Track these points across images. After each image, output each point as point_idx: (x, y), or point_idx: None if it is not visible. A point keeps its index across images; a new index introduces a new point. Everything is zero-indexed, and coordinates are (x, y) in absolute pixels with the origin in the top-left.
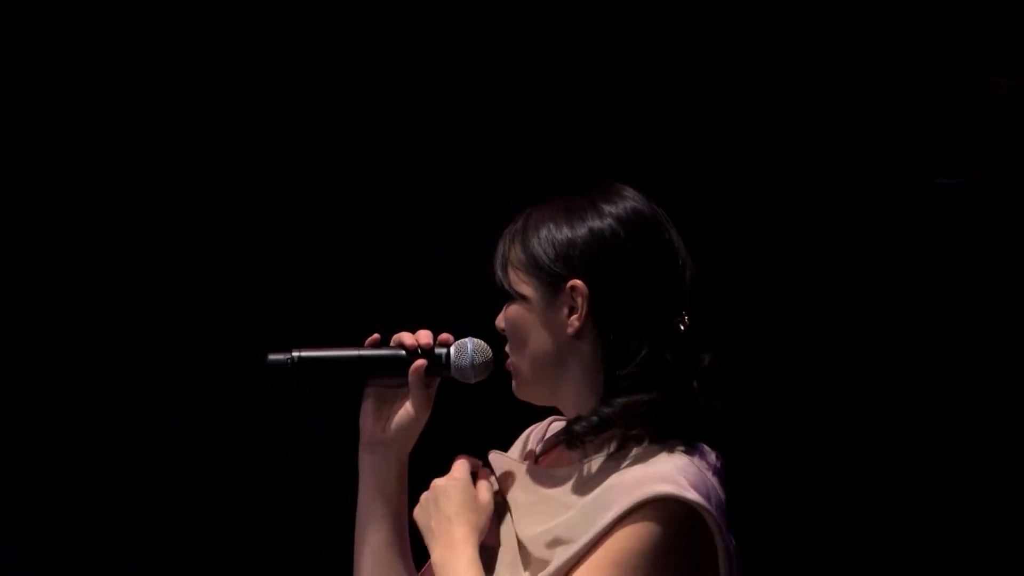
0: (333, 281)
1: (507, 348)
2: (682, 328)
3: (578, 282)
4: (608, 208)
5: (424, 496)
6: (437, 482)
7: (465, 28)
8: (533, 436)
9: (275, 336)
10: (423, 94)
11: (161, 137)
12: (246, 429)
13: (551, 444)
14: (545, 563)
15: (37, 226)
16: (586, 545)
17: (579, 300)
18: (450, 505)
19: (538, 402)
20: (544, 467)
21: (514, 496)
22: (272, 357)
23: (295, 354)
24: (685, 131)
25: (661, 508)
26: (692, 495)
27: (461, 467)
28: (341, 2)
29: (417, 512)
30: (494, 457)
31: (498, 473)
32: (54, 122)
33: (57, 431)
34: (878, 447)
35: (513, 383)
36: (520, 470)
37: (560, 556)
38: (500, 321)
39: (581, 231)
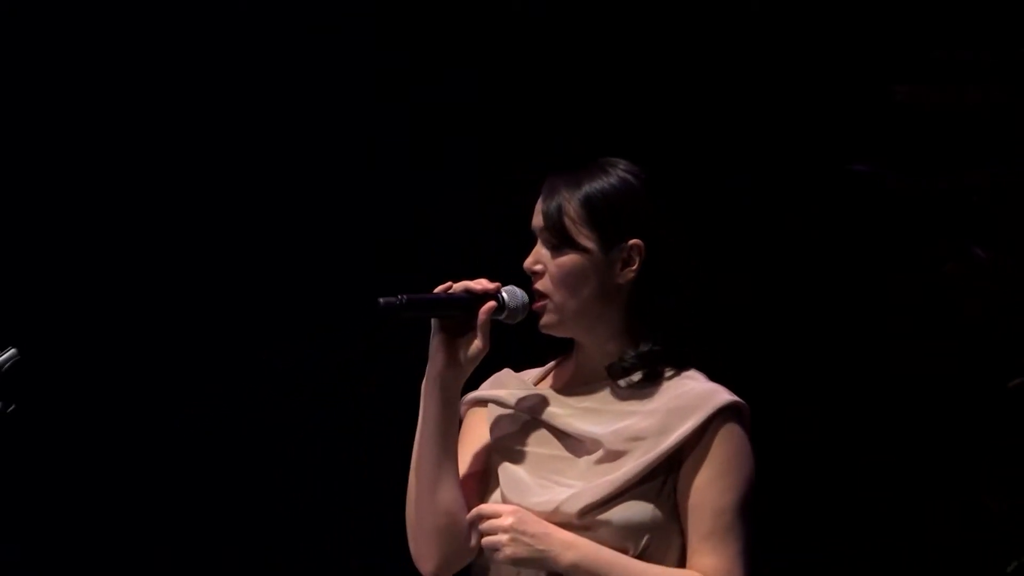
0: (333, 281)
1: (538, 287)
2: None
3: (639, 241)
4: (643, 179)
5: (504, 539)
6: (501, 523)
7: (465, 28)
8: (509, 380)
9: (276, 336)
10: (423, 94)
11: (161, 137)
12: (246, 429)
13: (544, 375)
14: (620, 453)
15: (41, 226)
16: (676, 443)
17: (635, 257)
18: (533, 526)
19: (565, 335)
20: (559, 389)
21: (551, 412)
22: (384, 300)
23: (402, 296)
24: (685, 130)
25: (737, 412)
26: (744, 403)
27: (500, 507)
28: (341, 2)
29: (511, 553)
30: (478, 393)
31: (511, 403)
32: (56, 123)
33: (58, 430)
34: (877, 442)
35: (545, 318)
36: (537, 395)
37: (645, 448)
38: (534, 264)
39: (639, 197)
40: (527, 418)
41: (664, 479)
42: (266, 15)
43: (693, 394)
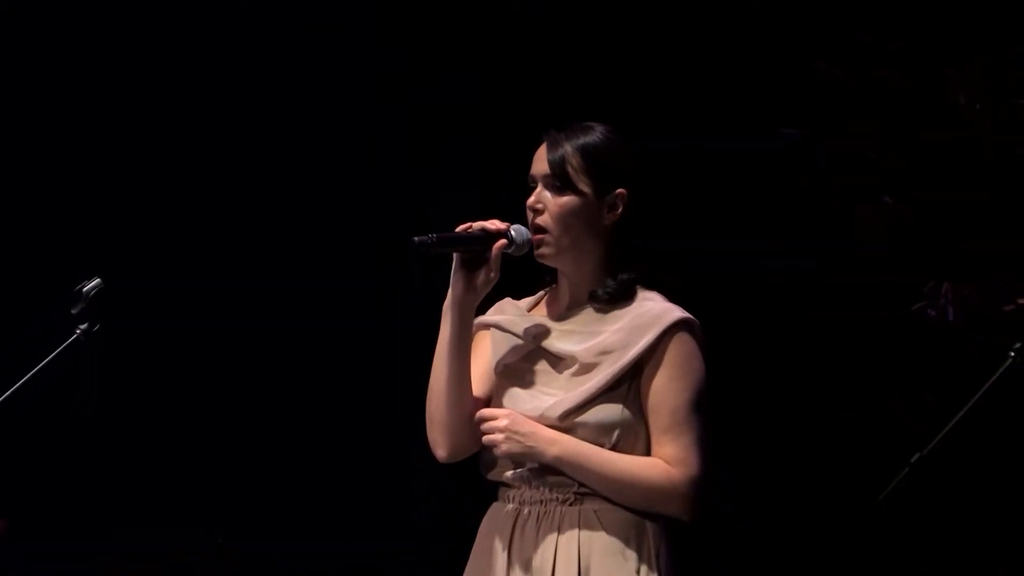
0: (334, 281)
1: (538, 222)
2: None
3: (624, 191)
4: (623, 139)
5: (499, 438)
6: (497, 424)
7: (465, 28)
8: (509, 307)
9: (277, 335)
10: (423, 94)
11: (163, 137)
12: (247, 428)
13: (536, 302)
14: (592, 366)
15: (55, 228)
16: (636, 355)
17: (619, 203)
18: (524, 427)
19: (556, 265)
20: (547, 314)
21: (540, 335)
22: (418, 238)
23: (432, 235)
24: (684, 128)
25: (688, 326)
26: (694, 319)
27: (497, 411)
28: (341, 2)
29: (506, 449)
30: (484, 319)
31: (509, 327)
32: (59, 127)
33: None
34: (800, 358)
35: (543, 249)
36: (529, 319)
37: (612, 360)
38: (536, 203)
39: (626, 154)
40: (521, 340)
41: (629, 385)
42: (266, 15)
43: (652, 314)
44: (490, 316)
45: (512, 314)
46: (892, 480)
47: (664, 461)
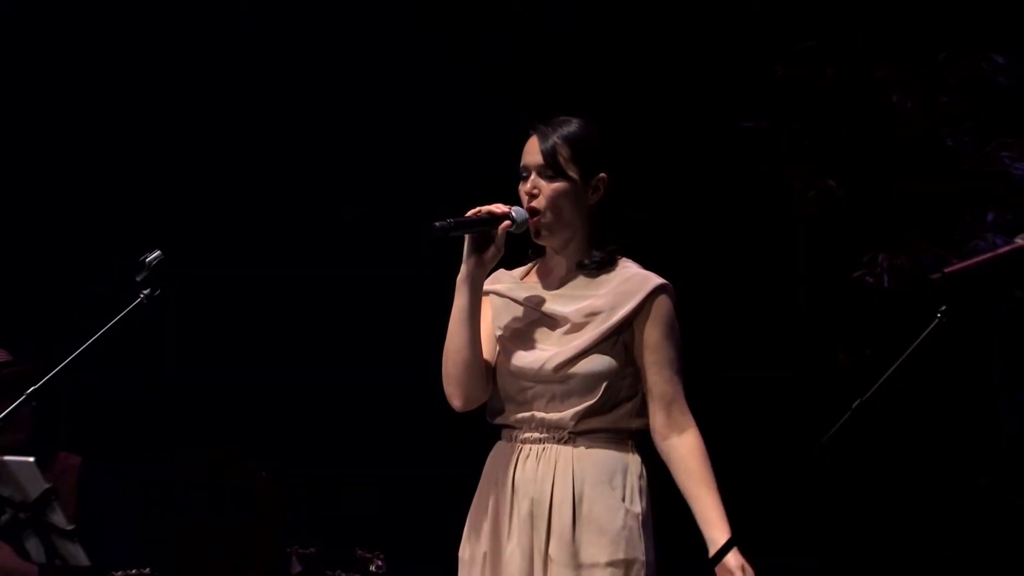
0: (335, 280)
1: (534, 206)
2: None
3: (604, 175)
4: (600, 127)
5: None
6: None
7: (465, 27)
8: (504, 277)
9: (281, 336)
10: (424, 93)
11: (171, 137)
12: (254, 427)
13: (527, 271)
14: (582, 325)
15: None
16: (625, 315)
17: (601, 186)
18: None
19: (550, 243)
20: (539, 282)
21: (535, 299)
22: (438, 224)
23: (449, 220)
24: (685, 128)
25: (668, 290)
26: (670, 283)
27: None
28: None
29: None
30: (484, 287)
31: (507, 294)
32: (62, 140)
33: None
34: (757, 311)
35: (541, 230)
36: (524, 287)
37: (600, 321)
38: (532, 188)
39: (605, 141)
40: (518, 304)
41: (615, 340)
42: (264, 16)
43: (636, 279)
44: (489, 284)
45: (508, 282)
46: (835, 423)
47: (674, 418)
